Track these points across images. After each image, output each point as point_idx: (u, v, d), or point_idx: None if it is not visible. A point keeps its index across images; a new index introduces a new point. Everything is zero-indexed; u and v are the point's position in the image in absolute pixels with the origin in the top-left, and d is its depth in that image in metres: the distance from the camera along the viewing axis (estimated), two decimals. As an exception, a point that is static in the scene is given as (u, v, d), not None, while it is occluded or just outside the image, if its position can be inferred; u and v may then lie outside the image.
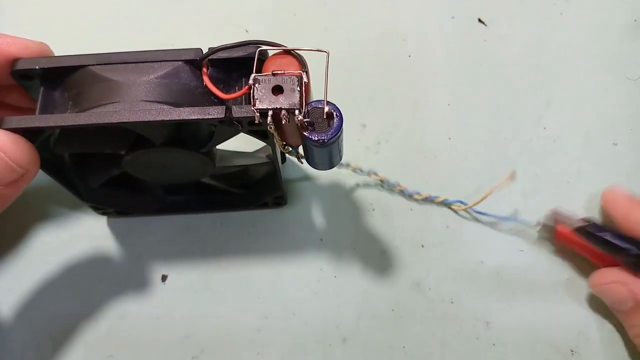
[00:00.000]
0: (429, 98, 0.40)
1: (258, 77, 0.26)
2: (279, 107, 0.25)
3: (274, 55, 0.27)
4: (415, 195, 0.37)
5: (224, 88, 0.28)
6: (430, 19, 0.41)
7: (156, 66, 0.28)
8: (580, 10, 0.41)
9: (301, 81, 0.26)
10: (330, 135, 0.27)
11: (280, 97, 0.26)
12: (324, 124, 0.27)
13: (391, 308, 0.36)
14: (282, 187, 0.35)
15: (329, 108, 0.27)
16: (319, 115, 0.27)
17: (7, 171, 0.26)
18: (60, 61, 0.28)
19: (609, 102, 0.39)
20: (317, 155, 0.29)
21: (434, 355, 0.35)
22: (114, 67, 0.27)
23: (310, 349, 0.35)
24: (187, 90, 0.28)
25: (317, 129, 0.27)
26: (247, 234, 0.37)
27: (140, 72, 0.27)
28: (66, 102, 0.28)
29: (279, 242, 0.37)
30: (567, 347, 0.35)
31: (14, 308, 0.36)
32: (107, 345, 0.35)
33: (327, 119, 0.27)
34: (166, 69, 0.28)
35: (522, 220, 0.36)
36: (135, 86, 0.27)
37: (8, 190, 0.27)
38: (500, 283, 0.36)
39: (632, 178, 0.38)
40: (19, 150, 0.26)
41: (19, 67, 0.28)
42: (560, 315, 0.35)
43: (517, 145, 0.38)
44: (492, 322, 0.35)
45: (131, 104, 0.27)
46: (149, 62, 0.28)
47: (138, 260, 0.37)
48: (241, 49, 0.28)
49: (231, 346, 0.35)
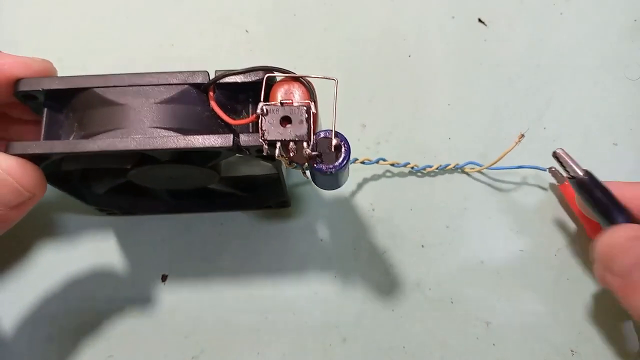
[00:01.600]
0: (429, 98, 0.40)
1: (266, 107, 0.26)
2: (287, 139, 0.25)
3: (283, 80, 0.27)
4: (427, 169, 0.37)
5: (230, 110, 0.28)
6: (430, 19, 0.41)
7: (162, 90, 0.27)
8: (580, 11, 0.41)
9: (309, 112, 0.26)
10: (338, 166, 0.27)
11: (289, 127, 0.25)
12: (332, 155, 0.27)
13: (391, 308, 0.36)
14: (286, 193, 0.35)
15: (337, 140, 0.26)
16: (326, 145, 0.27)
17: (15, 195, 0.26)
18: (63, 82, 0.27)
19: (609, 102, 0.39)
20: (323, 180, 0.29)
21: (434, 355, 0.35)
22: (120, 89, 0.27)
23: (310, 349, 0.35)
24: (193, 114, 0.27)
25: (325, 160, 0.27)
26: (247, 234, 0.37)
27: (146, 95, 0.27)
28: (72, 124, 0.28)
29: (279, 243, 0.37)
30: (567, 347, 0.35)
31: (13, 308, 0.36)
32: (107, 345, 0.35)
33: (335, 151, 0.27)
34: (172, 93, 0.27)
35: (533, 166, 0.36)
36: (142, 111, 0.27)
37: (13, 213, 0.27)
38: (500, 283, 0.36)
39: (632, 178, 0.38)
40: (27, 174, 0.26)
41: (22, 89, 0.27)
42: (561, 315, 0.35)
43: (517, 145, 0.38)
44: (492, 322, 0.35)
45: (138, 130, 0.26)
46: (155, 86, 0.27)
47: (138, 260, 0.37)
48: (249, 73, 0.28)
49: (231, 346, 0.35)
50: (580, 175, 0.31)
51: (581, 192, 0.31)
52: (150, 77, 0.27)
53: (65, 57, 0.40)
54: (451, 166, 0.37)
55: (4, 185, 0.26)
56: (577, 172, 0.31)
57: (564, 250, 0.37)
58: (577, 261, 0.36)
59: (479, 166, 0.37)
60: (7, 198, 0.26)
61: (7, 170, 0.26)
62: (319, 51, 0.41)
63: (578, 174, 0.31)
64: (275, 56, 0.40)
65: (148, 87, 0.27)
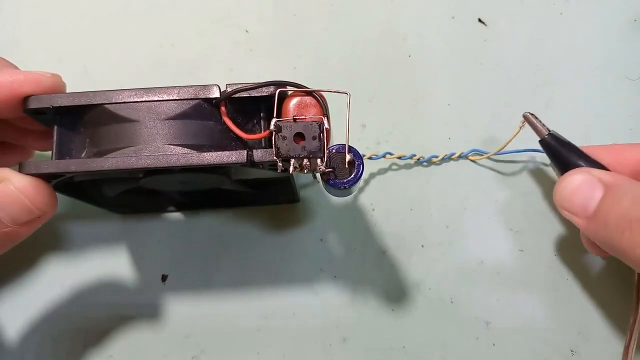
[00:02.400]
0: (429, 98, 0.40)
1: (279, 124, 0.26)
2: (301, 155, 0.25)
3: (294, 93, 0.27)
4: (433, 159, 0.38)
5: (240, 123, 0.28)
6: (430, 19, 0.41)
7: (174, 105, 0.27)
8: (580, 10, 0.41)
9: (322, 128, 0.26)
10: (352, 181, 0.27)
11: (302, 144, 0.25)
12: (345, 171, 0.27)
13: (391, 308, 0.36)
14: (296, 191, 0.35)
15: (351, 156, 0.27)
16: (340, 160, 0.27)
17: (26, 213, 0.27)
18: (73, 99, 0.27)
19: (608, 102, 0.39)
20: (335, 192, 0.29)
21: (433, 355, 0.35)
22: (130, 105, 0.27)
23: (310, 349, 0.35)
24: (206, 129, 0.27)
25: (338, 175, 0.27)
26: (247, 234, 0.37)
27: (157, 111, 0.27)
28: (83, 140, 0.28)
29: (279, 242, 0.37)
30: (567, 347, 0.35)
31: (13, 308, 0.36)
32: (107, 345, 0.35)
33: (349, 166, 0.27)
34: (184, 108, 0.27)
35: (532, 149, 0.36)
36: (154, 127, 0.27)
37: (23, 230, 0.27)
38: (500, 283, 0.36)
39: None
40: (39, 194, 0.27)
41: (32, 106, 0.27)
42: (560, 315, 0.35)
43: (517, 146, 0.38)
44: (492, 322, 0.35)
45: (151, 147, 0.27)
46: (166, 101, 0.27)
47: (138, 260, 0.37)
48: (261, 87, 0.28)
49: (231, 346, 0.35)
50: (544, 135, 0.32)
51: (548, 153, 0.32)
52: (161, 92, 0.27)
53: (65, 58, 0.40)
54: (456, 155, 0.38)
55: (17, 204, 0.26)
56: (542, 133, 0.32)
57: (564, 250, 0.37)
58: (577, 261, 0.36)
59: (483, 153, 0.38)
60: (18, 216, 0.27)
61: (20, 188, 0.26)
62: (319, 51, 0.41)
63: (543, 134, 0.32)
64: (275, 56, 0.40)
65: (159, 102, 0.27)
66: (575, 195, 0.29)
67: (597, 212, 0.29)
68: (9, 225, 0.26)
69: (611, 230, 0.28)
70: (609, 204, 0.28)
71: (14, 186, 0.26)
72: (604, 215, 0.28)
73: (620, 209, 0.27)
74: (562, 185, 0.30)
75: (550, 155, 0.33)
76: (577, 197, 0.29)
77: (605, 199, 0.28)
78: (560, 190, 0.30)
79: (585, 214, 0.29)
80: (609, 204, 0.28)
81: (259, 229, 0.37)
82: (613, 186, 0.28)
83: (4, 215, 0.26)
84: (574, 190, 0.29)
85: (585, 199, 0.29)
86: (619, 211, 0.27)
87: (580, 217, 0.30)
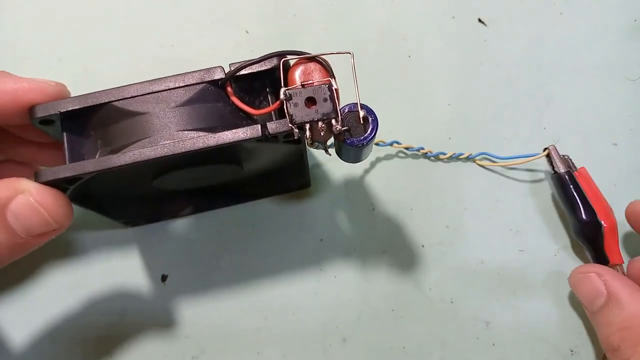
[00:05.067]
0: (429, 98, 0.40)
1: (289, 92, 0.26)
2: (315, 119, 0.25)
3: (298, 62, 0.27)
4: (441, 155, 0.38)
5: (248, 102, 0.28)
6: (430, 19, 0.41)
7: (181, 92, 0.27)
8: (580, 10, 0.41)
9: (332, 89, 0.26)
10: (368, 137, 0.27)
11: (314, 108, 0.26)
12: (360, 128, 0.27)
13: (391, 308, 0.36)
14: (307, 173, 0.34)
15: (364, 112, 0.27)
16: (354, 119, 0.27)
17: (43, 225, 0.26)
18: (80, 102, 0.27)
19: (608, 102, 0.39)
20: (351, 154, 0.29)
21: (433, 355, 0.35)
22: (138, 99, 0.27)
23: (310, 349, 0.35)
24: (216, 111, 0.27)
25: (354, 134, 0.27)
26: (247, 234, 0.37)
27: (166, 100, 0.27)
28: (94, 142, 0.28)
29: (279, 242, 0.37)
30: (566, 347, 0.35)
31: (13, 309, 0.36)
32: (107, 345, 0.35)
33: (363, 122, 0.27)
34: (191, 94, 0.27)
35: (529, 154, 0.37)
36: (165, 116, 0.27)
37: (35, 240, 0.26)
38: (500, 283, 0.36)
39: (632, 178, 0.38)
40: (58, 206, 0.26)
41: (39, 115, 0.27)
42: (560, 315, 0.35)
43: (517, 145, 0.38)
44: (492, 322, 0.35)
45: (165, 136, 0.26)
46: (173, 89, 0.27)
47: (138, 260, 0.37)
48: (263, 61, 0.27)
49: (231, 346, 0.35)
50: (562, 171, 0.36)
51: (558, 185, 0.36)
52: (167, 82, 0.27)
53: (65, 58, 0.40)
54: (464, 155, 0.38)
55: (35, 215, 0.25)
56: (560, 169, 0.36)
57: (564, 250, 0.37)
58: (576, 261, 0.36)
59: (490, 156, 0.38)
60: (34, 228, 0.25)
61: (39, 201, 0.25)
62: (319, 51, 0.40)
63: (560, 170, 0.36)
64: (275, 56, 0.40)
65: (166, 91, 0.27)
66: (583, 291, 0.33)
67: (597, 313, 0.31)
68: (23, 236, 0.25)
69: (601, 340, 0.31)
70: (605, 314, 0.31)
71: (33, 198, 0.25)
72: (599, 321, 0.31)
73: (609, 330, 0.30)
74: (575, 277, 0.34)
75: (557, 189, 0.36)
76: (584, 294, 0.33)
77: (604, 308, 0.31)
78: (573, 281, 0.34)
79: (590, 309, 0.32)
80: (605, 316, 0.31)
81: (259, 229, 0.37)
82: (612, 298, 0.31)
83: (19, 227, 0.25)
84: (585, 288, 0.32)
85: (591, 298, 0.32)
86: (606, 332, 0.31)
87: (587, 308, 0.33)
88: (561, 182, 0.35)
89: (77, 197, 0.28)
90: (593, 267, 0.33)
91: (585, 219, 0.34)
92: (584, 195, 0.35)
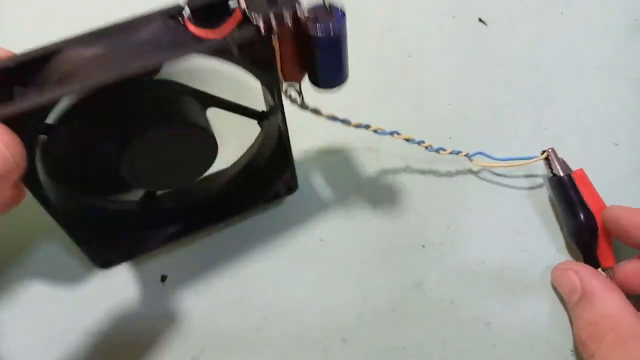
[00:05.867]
0: (429, 98, 0.40)
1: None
2: (280, 10, 0.24)
3: None
4: (441, 151, 0.37)
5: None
6: (430, 18, 0.41)
7: (141, 30, 0.26)
8: (581, 10, 0.41)
9: None
10: (338, 21, 0.26)
11: (276, 3, 0.25)
12: (327, 16, 0.26)
13: (391, 308, 0.36)
14: (292, 165, 0.33)
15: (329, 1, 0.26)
16: (319, 10, 0.26)
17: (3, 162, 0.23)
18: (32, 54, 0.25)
19: (609, 102, 0.39)
20: (327, 60, 0.28)
21: (434, 355, 0.35)
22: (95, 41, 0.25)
23: (310, 349, 0.35)
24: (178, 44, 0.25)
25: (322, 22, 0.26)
26: (247, 234, 0.37)
27: (124, 40, 0.25)
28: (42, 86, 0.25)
29: (279, 242, 0.37)
30: (566, 348, 0.35)
31: (14, 308, 0.36)
32: (107, 345, 0.35)
33: (330, 10, 0.26)
34: (151, 30, 0.26)
35: (527, 157, 0.36)
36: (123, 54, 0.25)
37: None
38: (501, 283, 0.36)
39: (632, 178, 0.38)
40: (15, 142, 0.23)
41: None
42: (560, 316, 0.35)
43: (517, 145, 0.38)
44: (492, 322, 0.35)
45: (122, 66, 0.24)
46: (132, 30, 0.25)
47: (138, 260, 0.37)
48: None
49: (231, 346, 0.35)
50: (559, 174, 0.35)
51: (556, 188, 0.36)
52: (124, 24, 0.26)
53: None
54: (463, 154, 0.37)
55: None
56: (559, 172, 0.35)
57: (563, 250, 0.37)
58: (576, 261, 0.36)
59: (487, 157, 0.37)
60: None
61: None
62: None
63: (559, 173, 0.35)
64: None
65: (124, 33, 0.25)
66: (561, 287, 0.34)
67: (573, 309, 0.33)
68: None
69: (574, 334, 0.33)
70: (579, 310, 0.32)
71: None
72: (574, 316, 0.33)
73: (579, 325, 0.32)
74: (555, 272, 0.35)
75: (555, 192, 0.36)
76: (562, 289, 0.34)
77: (578, 304, 0.32)
78: (553, 277, 0.35)
79: (568, 304, 0.34)
80: (579, 311, 0.32)
81: (259, 229, 0.37)
82: (586, 295, 0.32)
83: None
84: (562, 283, 0.34)
85: (568, 293, 0.33)
86: (578, 326, 0.32)
87: (566, 301, 0.34)
88: (558, 186, 0.36)
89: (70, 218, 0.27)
90: (572, 264, 0.35)
91: (582, 222, 0.34)
92: (582, 199, 0.35)
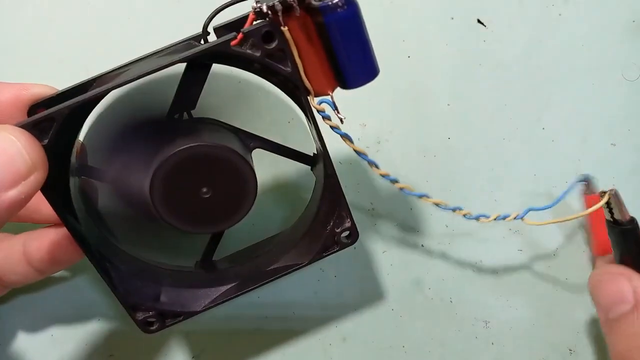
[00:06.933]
0: (428, 98, 0.40)
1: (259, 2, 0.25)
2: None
3: None
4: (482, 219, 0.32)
5: None
6: (429, 19, 0.41)
7: (166, 53, 0.28)
8: (579, 11, 0.41)
9: None
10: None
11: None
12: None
13: (391, 308, 0.36)
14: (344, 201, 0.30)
15: None
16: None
17: (22, 163, 0.22)
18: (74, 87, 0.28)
19: (607, 102, 0.39)
20: (350, 47, 0.27)
21: (433, 354, 0.35)
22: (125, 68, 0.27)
23: (310, 349, 0.35)
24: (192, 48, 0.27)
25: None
26: (247, 234, 0.37)
27: (149, 60, 0.28)
28: None
29: (279, 242, 0.37)
30: (565, 346, 0.35)
31: (14, 308, 0.36)
32: (107, 345, 0.35)
33: None
34: (173, 48, 0.28)
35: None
36: (142, 67, 0.26)
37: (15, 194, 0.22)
38: (500, 283, 0.36)
39: (631, 178, 0.38)
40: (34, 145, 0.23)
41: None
42: (559, 315, 0.35)
43: (516, 146, 0.39)
44: (491, 321, 0.35)
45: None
46: (159, 54, 0.28)
47: (138, 260, 0.37)
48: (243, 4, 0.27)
49: (231, 346, 0.35)
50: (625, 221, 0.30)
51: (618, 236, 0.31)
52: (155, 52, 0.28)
53: (66, 59, 0.40)
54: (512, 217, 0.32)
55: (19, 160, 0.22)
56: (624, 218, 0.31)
57: (563, 251, 0.37)
58: (576, 261, 0.36)
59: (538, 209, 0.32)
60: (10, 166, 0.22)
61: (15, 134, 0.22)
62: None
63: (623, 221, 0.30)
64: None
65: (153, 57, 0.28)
66: (605, 293, 0.29)
67: (616, 320, 0.28)
68: None
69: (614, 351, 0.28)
70: (626, 324, 0.28)
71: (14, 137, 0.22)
72: (617, 330, 0.28)
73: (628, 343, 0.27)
74: (599, 277, 0.30)
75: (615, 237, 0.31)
76: (605, 296, 0.29)
77: (627, 317, 0.28)
78: (595, 281, 0.30)
79: (607, 315, 0.29)
80: (626, 326, 0.28)
81: (259, 228, 0.37)
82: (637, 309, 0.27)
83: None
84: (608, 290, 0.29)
85: (612, 302, 0.28)
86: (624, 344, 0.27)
87: (601, 312, 0.29)
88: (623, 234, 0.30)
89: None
90: (623, 269, 0.30)
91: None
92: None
